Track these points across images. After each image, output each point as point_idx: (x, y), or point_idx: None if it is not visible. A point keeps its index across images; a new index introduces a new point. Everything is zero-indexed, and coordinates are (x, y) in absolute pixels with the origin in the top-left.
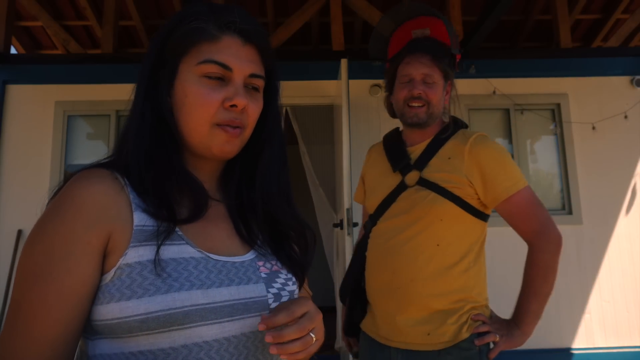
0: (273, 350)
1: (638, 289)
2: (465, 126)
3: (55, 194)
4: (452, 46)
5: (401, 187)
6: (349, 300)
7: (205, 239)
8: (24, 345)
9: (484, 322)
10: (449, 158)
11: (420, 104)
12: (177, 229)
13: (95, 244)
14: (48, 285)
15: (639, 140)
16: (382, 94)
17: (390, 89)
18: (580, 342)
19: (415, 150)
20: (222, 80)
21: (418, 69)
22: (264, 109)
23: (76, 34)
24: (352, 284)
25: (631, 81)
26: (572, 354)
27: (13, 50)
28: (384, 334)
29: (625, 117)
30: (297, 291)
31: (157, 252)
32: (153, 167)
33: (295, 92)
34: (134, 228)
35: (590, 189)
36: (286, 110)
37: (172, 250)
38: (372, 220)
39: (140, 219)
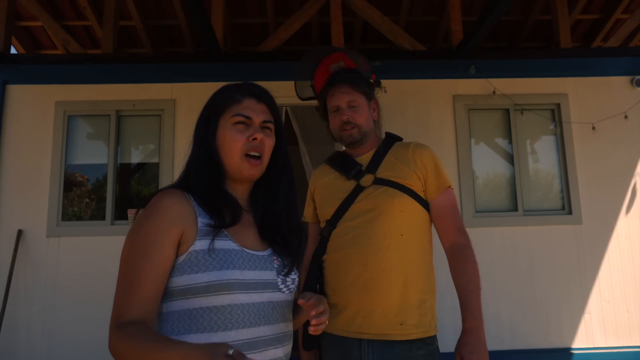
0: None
1: (638, 289)
2: (400, 139)
3: (144, 206)
4: (363, 69)
5: (358, 190)
6: None
7: (241, 237)
8: (135, 298)
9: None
10: (396, 159)
11: (351, 127)
12: (224, 230)
13: (175, 236)
14: (148, 260)
15: (639, 140)
16: (382, 93)
17: (326, 119)
18: (580, 342)
19: (364, 160)
20: (247, 125)
21: (342, 98)
22: (276, 145)
23: (76, 34)
24: (312, 290)
25: (631, 81)
26: (572, 354)
27: (13, 50)
28: (356, 328)
29: (625, 117)
30: (297, 278)
31: (212, 243)
32: (208, 191)
33: (295, 92)
34: (199, 228)
35: (590, 189)
36: (286, 110)
37: (221, 243)
38: (331, 224)
39: (202, 222)
